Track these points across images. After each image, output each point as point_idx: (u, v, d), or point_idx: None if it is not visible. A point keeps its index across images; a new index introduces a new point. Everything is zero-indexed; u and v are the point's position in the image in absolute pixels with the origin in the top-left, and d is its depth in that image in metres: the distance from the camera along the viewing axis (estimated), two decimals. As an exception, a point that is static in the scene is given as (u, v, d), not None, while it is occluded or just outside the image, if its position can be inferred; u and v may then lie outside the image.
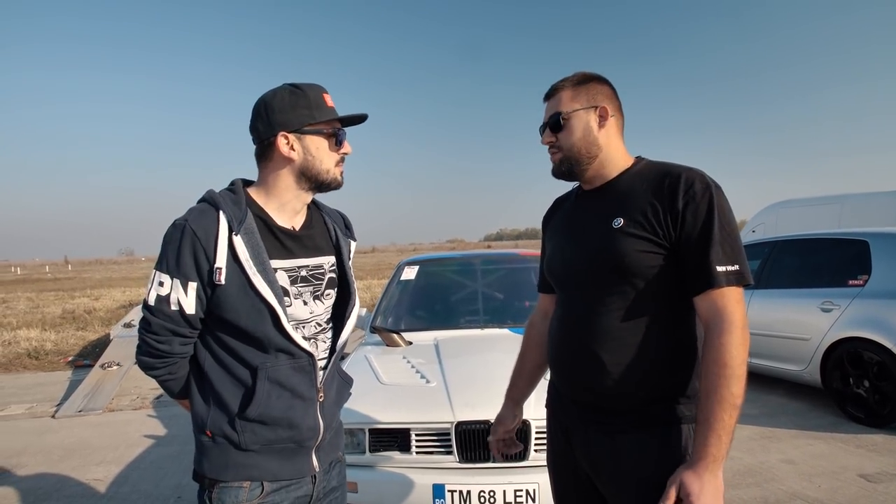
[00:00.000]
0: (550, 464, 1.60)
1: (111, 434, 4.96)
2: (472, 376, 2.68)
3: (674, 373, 1.32)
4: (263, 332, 1.30)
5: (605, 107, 1.40)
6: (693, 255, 1.26)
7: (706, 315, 1.26)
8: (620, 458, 1.33)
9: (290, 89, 1.36)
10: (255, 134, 1.38)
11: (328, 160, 1.38)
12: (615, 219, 1.33)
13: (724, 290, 1.24)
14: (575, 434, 1.45)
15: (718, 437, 1.18)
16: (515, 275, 4.29)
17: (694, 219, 1.25)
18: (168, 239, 1.29)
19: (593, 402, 1.38)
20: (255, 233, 1.32)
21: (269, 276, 1.31)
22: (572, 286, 1.44)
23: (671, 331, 1.32)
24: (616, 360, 1.31)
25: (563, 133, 1.41)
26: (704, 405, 1.22)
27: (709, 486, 1.17)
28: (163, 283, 1.28)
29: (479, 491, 2.25)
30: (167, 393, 1.42)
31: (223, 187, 1.41)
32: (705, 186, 1.27)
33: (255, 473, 1.33)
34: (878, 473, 3.55)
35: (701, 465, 1.19)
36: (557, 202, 1.66)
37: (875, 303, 4.43)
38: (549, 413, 1.59)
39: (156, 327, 1.29)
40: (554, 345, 1.50)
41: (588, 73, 1.44)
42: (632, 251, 1.28)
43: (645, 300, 1.30)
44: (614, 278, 1.32)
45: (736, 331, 1.21)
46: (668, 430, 1.31)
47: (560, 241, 1.51)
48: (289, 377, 1.35)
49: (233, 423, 1.31)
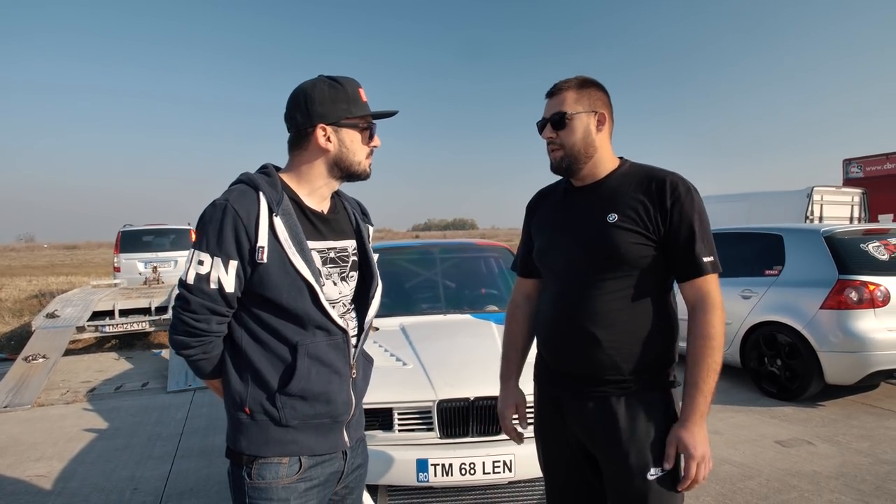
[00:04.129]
0: (539, 434, 1.73)
1: (45, 429, 4.71)
2: (446, 358, 2.82)
3: (659, 343, 1.51)
4: (303, 308, 1.36)
5: (603, 113, 1.55)
6: (680, 248, 1.47)
7: (692, 298, 1.50)
8: (616, 422, 1.49)
9: (329, 82, 1.42)
10: (293, 123, 1.43)
11: (360, 153, 1.46)
12: (609, 214, 1.50)
13: (708, 277, 1.48)
14: (567, 405, 1.59)
15: (704, 398, 1.43)
16: (472, 263, 4.46)
17: (680, 216, 1.46)
18: (208, 218, 1.32)
19: (588, 374, 1.53)
20: (292, 214, 1.38)
21: (307, 255, 1.37)
22: (568, 272, 1.57)
23: (655, 309, 1.51)
24: (610, 336, 1.49)
25: (565, 132, 1.54)
26: (692, 371, 1.45)
27: (700, 436, 1.42)
28: (202, 262, 1.31)
29: (460, 464, 2.39)
30: (197, 373, 1.44)
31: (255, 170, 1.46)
32: (687, 189, 1.49)
33: (293, 449, 1.38)
34: (790, 439, 4.02)
35: (691, 421, 1.43)
36: (542, 194, 1.79)
37: (788, 290, 4.96)
38: (538, 389, 1.73)
39: (195, 306, 1.32)
40: (546, 325, 1.64)
41: (589, 79, 1.58)
42: (625, 243, 1.47)
43: (635, 284, 1.50)
44: (609, 266, 1.49)
45: (717, 310, 1.46)
46: (657, 395, 1.52)
47: (554, 232, 1.64)
48: (326, 353, 1.40)
49: (273, 399, 1.35)
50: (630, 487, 1.47)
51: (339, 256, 1.49)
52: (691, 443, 1.41)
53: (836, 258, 4.76)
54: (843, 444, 3.92)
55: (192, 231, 11.60)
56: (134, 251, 11.00)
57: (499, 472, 2.41)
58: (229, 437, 1.42)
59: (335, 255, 1.48)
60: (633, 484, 1.47)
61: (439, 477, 2.39)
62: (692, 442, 1.41)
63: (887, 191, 12.13)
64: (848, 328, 4.54)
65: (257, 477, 1.36)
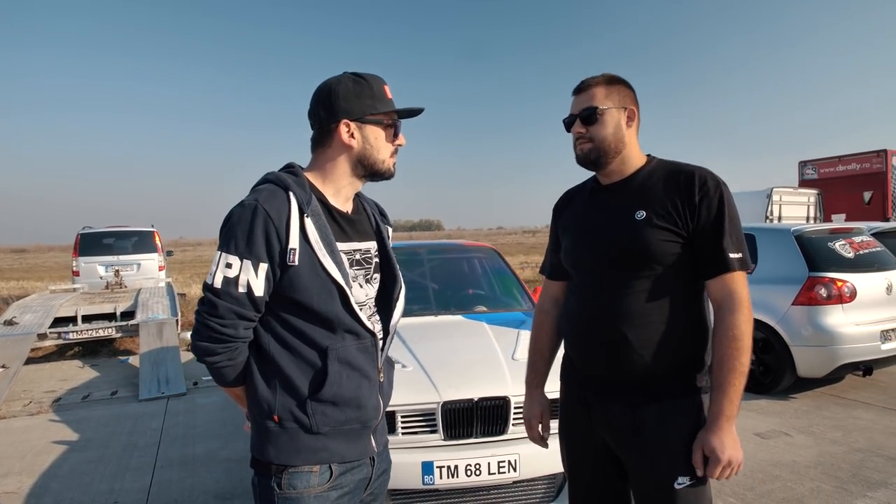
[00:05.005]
0: (564, 435, 1.69)
1: (11, 442, 4.47)
2: (446, 359, 2.80)
3: (690, 346, 1.48)
4: (334, 312, 1.32)
5: (633, 109, 1.54)
6: (707, 244, 1.43)
7: (718, 295, 1.44)
8: (645, 428, 1.46)
9: (353, 78, 1.39)
10: (316, 119, 1.39)
11: (384, 150, 1.42)
12: (637, 211, 1.47)
13: (735, 275, 1.42)
14: (596, 408, 1.55)
15: (731, 401, 1.38)
16: (459, 264, 4.46)
17: (708, 212, 1.42)
18: (237, 220, 1.27)
19: (616, 377, 1.50)
20: (321, 215, 1.35)
21: (337, 257, 1.34)
22: (596, 272, 1.54)
23: (686, 309, 1.48)
24: (641, 336, 1.45)
25: (596, 126, 1.52)
26: (718, 373, 1.40)
27: (727, 440, 1.37)
28: (230, 265, 1.26)
29: (465, 465, 2.38)
30: (219, 380, 1.38)
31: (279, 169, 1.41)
32: (716, 184, 1.45)
33: (324, 456, 1.34)
34: (768, 431, 4.16)
35: (717, 425, 1.38)
36: (569, 195, 1.76)
37: (761, 287, 5.12)
38: (565, 389, 1.69)
39: (222, 310, 1.26)
40: (575, 325, 1.60)
41: (616, 76, 1.57)
42: (655, 240, 1.43)
43: (664, 282, 1.46)
44: (638, 264, 1.46)
45: (744, 309, 1.41)
46: (687, 401, 1.47)
47: (581, 230, 1.61)
48: (356, 357, 1.36)
49: (303, 405, 1.31)
50: (657, 495, 1.45)
51: (363, 258, 1.46)
52: (718, 447, 1.37)
53: (806, 256, 4.95)
54: (818, 434, 4.07)
55: (155, 233, 11.25)
56: (94, 254, 10.56)
57: (504, 473, 2.42)
58: (255, 446, 1.36)
59: (360, 256, 1.45)
60: (660, 492, 1.44)
61: (445, 479, 2.38)
62: (718, 446, 1.37)
63: (839, 191, 12.70)
64: (818, 323, 4.73)
65: (288, 487, 1.31)
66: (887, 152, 11.63)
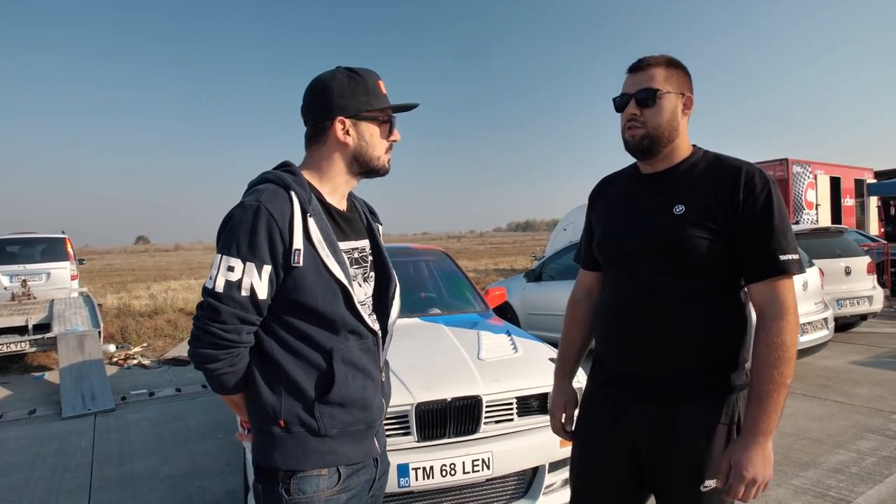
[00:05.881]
0: (584, 433, 1.62)
1: (-87, 472, 4.02)
2: (413, 361, 2.79)
3: (724, 344, 1.40)
4: (338, 312, 1.30)
5: (690, 96, 1.46)
6: (752, 245, 1.33)
7: (761, 300, 1.34)
8: (675, 428, 1.40)
9: (348, 74, 1.36)
10: (311, 115, 1.37)
11: (380, 147, 1.39)
12: (676, 206, 1.40)
13: (784, 279, 1.32)
14: (624, 406, 1.49)
15: (768, 414, 1.28)
16: (410, 267, 4.46)
17: (753, 210, 1.33)
18: (238, 221, 1.23)
19: (647, 376, 1.44)
20: (322, 214, 1.32)
21: (340, 256, 1.31)
22: (628, 265, 1.48)
23: (722, 306, 1.40)
24: (673, 333, 1.39)
25: (652, 110, 1.41)
26: (756, 384, 1.31)
27: (756, 458, 1.28)
28: (232, 268, 1.22)
29: (440, 465, 2.39)
30: (218, 388, 1.33)
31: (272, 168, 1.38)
32: (764, 180, 1.35)
33: (332, 459, 1.31)
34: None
35: (749, 438, 1.30)
36: (605, 182, 1.69)
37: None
38: (594, 386, 1.62)
39: (225, 315, 1.22)
40: (604, 322, 1.55)
41: (676, 59, 1.47)
42: (692, 237, 1.35)
43: (699, 279, 1.38)
44: (672, 260, 1.39)
45: (790, 317, 1.30)
46: (720, 400, 1.39)
47: (614, 221, 1.54)
48: (359, 357, 1.35)
49: (310, 409, 1.29)
50: (682, 495, 1.41)
51: (360, 257, 1.45)
52: (744, 463, 1.28)
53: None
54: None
55: (67, 240, 10.44)
56: (-3, 264, 9.66)
57: (478, 471, 2.44)
58: (259, 454, 1.32)
59: (357, 255, 1.44)
60: (686, 493, 1.40)
61: (420, 480, 2.37)
62: (745, 462, 1.28)
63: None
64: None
65: (297, 492, 1.28)
66: (788, 160, 12.67)
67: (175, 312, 11.19)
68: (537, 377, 2.75)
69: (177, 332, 9.44)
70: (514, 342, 3.17)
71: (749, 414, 1.32)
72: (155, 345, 8.67)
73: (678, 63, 1.47)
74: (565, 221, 17.49)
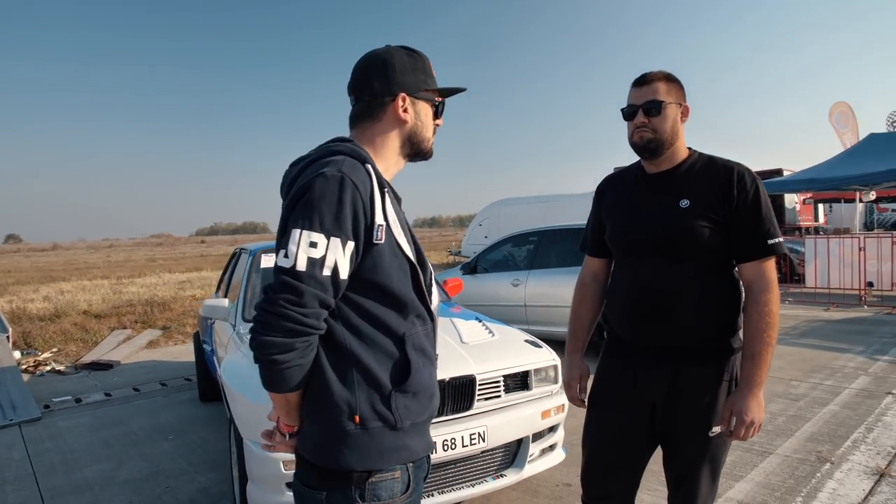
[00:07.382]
0: (598, 401, 1.85)
1: None
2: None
3: (726, 314, 1.67)
4: (409, 295, 1.23)
5: (687, 105, 1.72)
6: (746, 232, 1.62)
7: (750, 277, 1.63)
8: (687, 385, 1.66)
9: (406, 51, 1.31)
10: (368, 90, 1.29)
11: (429, 129, 1.35)
12: (681, 200, 1.66)
13: (768, 259, 1.63)
14: (641, 372, 1.72)
15: (760, 369, 1.58)
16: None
17: (745, 204, 1.61)
18: (321, 192, 1.11)
19: (665, 345, 1.68)
20: (389, 190, 1.26)
21: (409, 235, 1.25)
22: (643, 253, 1.71)
23: (720, 283, 1.67)
24: (685, 307, 1.64)
25: (658, 118, 1.66)
26: (749, 345, 1.60)
27: (753, 404, 1.58)
28: (315, 244, 1.09)
29: (442, 440, 2.55)
30: (279, 385, 1.16)
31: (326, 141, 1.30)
32: (752, 178, 1.64)
33: (405, 455, 1.22)
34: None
35: (746, 390, 1.59)
36: (610, 180, 1.93)
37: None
38: (609, 359, 1.85)
39: (308, 297, 1.09)
40: (623, 303, 1.76)
41: (672, 74, 1.72)
42: (697, 226, 1.62)
43: (702, 262, 1.65)
44: (680, 246, 1.65)
45: (774, 289, 1.61)
46: (724, 361, 1.68)
47: (628, 215, 1.77)
48: (424, 343, 1.27)
49: (387, 400, 1.18)
50: (695, 440, 1.67)
51: None
52: (744, 409, 1.57)
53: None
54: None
55: None
56: None
57: (475, 444, 2.64)
58: (325, 455, 1.18)
59: None
60: (697, 437, 1.66)
61: (425, 456, 2.53)
62: (745, 409, 1.57)
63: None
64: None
65: (372, 497, 1.18)
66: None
67: (80, 315, 10.35)
68: (518, 357, 3.00)
69: (88, 335, 8.76)
70: (487, 327, 3.38)
71: (744, 370, 1.61)
72: (67, 349, 8.02)
73: (675, 77, 1.72)
74: (480, 217, 18.02)
